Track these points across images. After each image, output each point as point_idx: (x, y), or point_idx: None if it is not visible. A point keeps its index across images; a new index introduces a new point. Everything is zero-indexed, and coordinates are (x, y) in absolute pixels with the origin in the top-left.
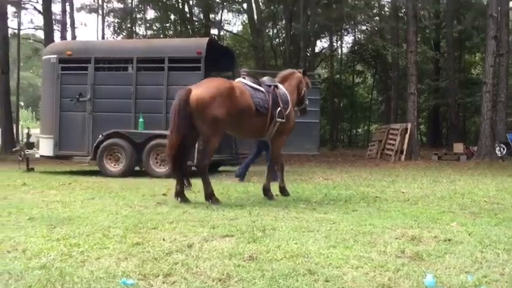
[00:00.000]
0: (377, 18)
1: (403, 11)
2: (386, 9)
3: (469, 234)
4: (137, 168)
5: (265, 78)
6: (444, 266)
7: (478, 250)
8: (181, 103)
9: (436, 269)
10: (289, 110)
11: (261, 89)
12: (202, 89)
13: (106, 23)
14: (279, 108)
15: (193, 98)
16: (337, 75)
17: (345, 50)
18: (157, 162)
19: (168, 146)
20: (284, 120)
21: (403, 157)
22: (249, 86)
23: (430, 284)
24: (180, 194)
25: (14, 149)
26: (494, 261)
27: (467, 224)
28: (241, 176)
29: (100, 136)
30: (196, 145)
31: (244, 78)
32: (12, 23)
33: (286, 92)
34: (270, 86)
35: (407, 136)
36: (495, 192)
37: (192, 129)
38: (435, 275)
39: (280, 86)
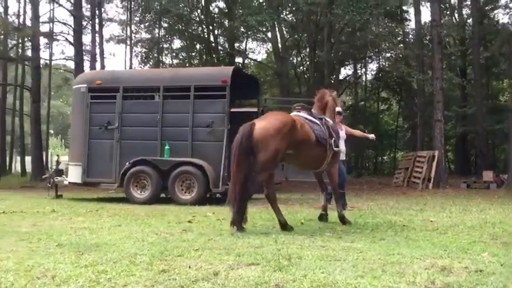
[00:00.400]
0: (401, 45)
1: (427, 37)
2: (410, 36)
3: (501, 265)
4: (163, 195)
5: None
6: None
7: (510, 281)
8: (244, 136)
9: None
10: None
11: (317, 121)
12: (266, 122)
13: (134, 53)
14: (333, 138)
15: (258, 130)
16: (362, 102)
17: (369, 77)
18: (182, 189)
19: (232, 183)
20: (338, 149)
21: (430, 185)
22: (306, 118)
23: None
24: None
25: (43, 176)
26: None
27: (499, 254)
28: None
29: (127, 163)
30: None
31: (299, 111)
32: (44, 53)
33: (333, 123)
34: (321, 118)
35: (434, 164)
36: None
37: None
38: None
39: (327, 118)
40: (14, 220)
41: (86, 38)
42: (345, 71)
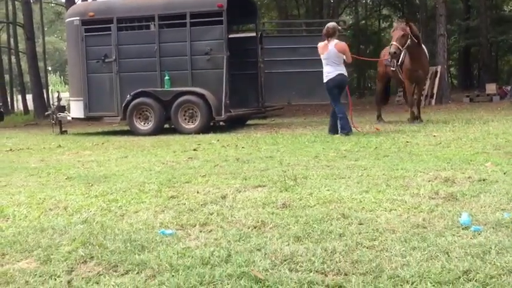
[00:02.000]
0: None
1: None
2: None
3: (504, 173)
4: (167, 125)
5: None
6: (479, 205)
7: None
8: None
9: (471, 208)
10: None
11: None
12: None
13: None
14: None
15: None
16: (363, 21)
17: None
18: (185, 119)
19: None
20: None
21: (433, 101)
22: None
23: (466, 222)
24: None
25: (46, 113)
26: None
27: (502, 163)
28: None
29: (128, 96)
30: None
31: None
32: None
33: None
34: None
35: (437, 79)
36: None
37: None
38: (470, 213)
39: None
40: (22, 157)
41: None
42: None
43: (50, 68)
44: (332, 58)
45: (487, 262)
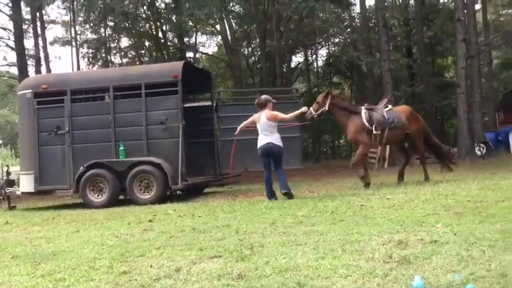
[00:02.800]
0: (349, 29)
1: (373, 21)
2: (357, 20)
3: (455, 234)
4: (121, 197)
5: None
6: (431, 267)
7: (463, 249)
8: None
9: (423, 270)
10: None
11: None
12: None
13: (81, 55)
14: None
15: None
16: (315, 89)
17: (320, 63)
18: (141, 189)
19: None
20: None
21: (386, 164)
22: None
23: (419, 286)
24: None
25: None
26: (480, 258)
27: (452, 224)
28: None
29: (81, 168)
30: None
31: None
32: None
33: None
34: None
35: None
36: (478, 191)
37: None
38: (423, 276)
39: None
40: None
41: (29, 42)
42: (296, 59)
43: (0, 142)
44: (264, 128)
45: None
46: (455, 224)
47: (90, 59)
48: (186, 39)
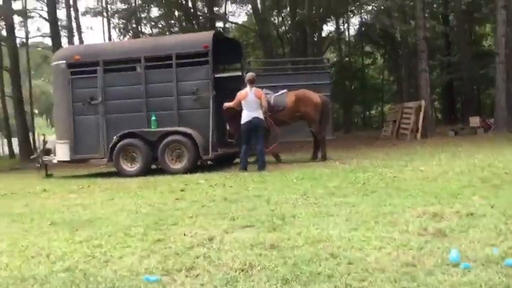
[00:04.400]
0: None
1: None
2: None
3: (492, 207)
4: (154, 166)
5: None
6: (468, 240)
7: (501, 222)
8: None
9: (460, 244)
10: None
11: None
12: None
13: (112, 25)
14: None
15: None
16: (346, 58)
17: (352, 32)
18: (172, 159)
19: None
20: None
21: (419, 135)
22: None
23: (455, 259)
24: None
25: (31, 157)
26: None
27: (489, 197)
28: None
29: (114, 137)
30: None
31: None
32: (19, 32)
33: None
34: None
35: (421, 114)
36: None
37: None
38: (460, 250)
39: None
40: (6, 202)
41: (61, 13)
42: (327, 28)
43: (36, 111)
44: (251, 104)
45: None
46: (492, 196)
47: (121, 30)
48: (215, 9)
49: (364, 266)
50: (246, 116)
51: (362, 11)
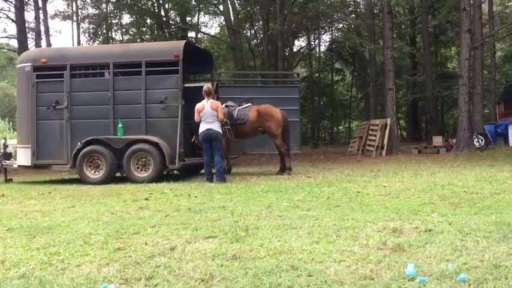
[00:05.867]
0: (353, 15)
1: (378, 7)
2: (361, 6)
3: (449, 224)
4: (118, 174)
5: None
6: (425, 255)
7: (458, 239)
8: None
9: (417, 258)
10: None
11: None
12: None
13: (81, 30)
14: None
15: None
16: (316, 74)
17: (322, 49)
18: (138, 168)
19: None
20: None
21: (384, 152)
22: None
23: (411, 273)
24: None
25: None
26: (474, 248)
27: (448, 214)
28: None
29: (79, 143)
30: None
31: None
32: None
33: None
34: None
35: (387, 131)
36: (474, 182)
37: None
38: (416, 264)
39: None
40: None
41: (29, 15)
42: (299, 43)
43: None
44: (207, 115)
45: None
46: (450, 214)
47: (91, 35)
48: (188, 19)
49: (323, 278)
50: (201, 128)
51: (333, 28)
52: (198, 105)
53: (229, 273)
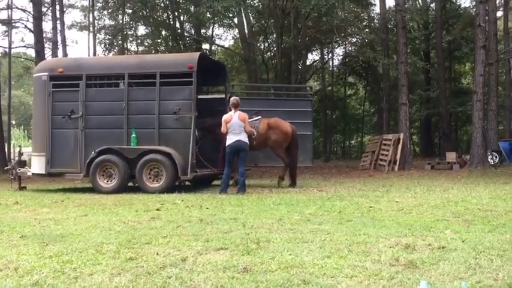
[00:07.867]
0: (367, 30)
1: (392, 22)
2: (375, 20)
3: (463, 241)
4: (130, 184)
5: None
6: (438, 273)
7: (471, 257)
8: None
9: (430, 276)
10: None
11: None
12: None
13: (97, 40)
14: None
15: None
16: (329, 88)
17: (336, 62)
18: (150, 178)
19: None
20: None
21: (396, 167)
22: None
23: None
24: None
25: (5, 168)
26: (487, 267)
27: (461, 231)
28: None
29: (92, 153)
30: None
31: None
32: (2, 41)
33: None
34: None
35: (400, 146)
36: (488, 199)
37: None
38: (429, 282)
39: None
40: None
41: (47, 25)
42: (312, 57)
43: (14, 122)
44: (235, 127)
45: None
46: (464, 231)
47: (107, 45)
48: (203, 31)
49: None
50: (230, 139)
51: (346, 42)
52: (226, 117)
53: (240, 286)
